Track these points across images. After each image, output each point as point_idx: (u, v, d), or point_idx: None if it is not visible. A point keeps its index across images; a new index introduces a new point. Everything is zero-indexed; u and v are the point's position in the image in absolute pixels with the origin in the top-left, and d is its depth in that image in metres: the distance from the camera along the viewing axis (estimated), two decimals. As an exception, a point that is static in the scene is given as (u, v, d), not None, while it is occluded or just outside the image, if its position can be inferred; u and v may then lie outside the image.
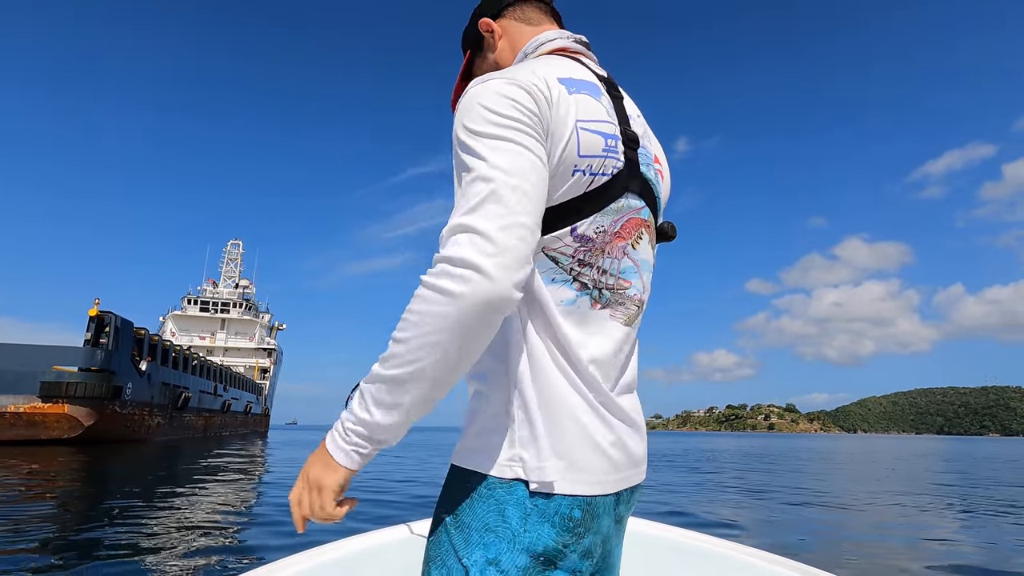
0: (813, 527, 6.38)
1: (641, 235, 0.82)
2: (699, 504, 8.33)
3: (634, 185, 0.80)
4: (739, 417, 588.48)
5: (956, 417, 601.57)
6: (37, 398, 18.72)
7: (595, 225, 0.76)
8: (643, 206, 0.82)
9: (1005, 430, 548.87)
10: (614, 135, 0.78)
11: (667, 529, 2.04)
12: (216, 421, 34.30)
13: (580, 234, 0.76)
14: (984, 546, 5.50)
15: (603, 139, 0.76)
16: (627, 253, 0.81)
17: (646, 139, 0.86)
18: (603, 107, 0.79)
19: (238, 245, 59.71)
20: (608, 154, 0.77)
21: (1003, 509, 7.98)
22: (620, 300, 0.81)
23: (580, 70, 0.82)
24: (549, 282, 0.76)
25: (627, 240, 0.80)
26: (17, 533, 4.91)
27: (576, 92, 0.77)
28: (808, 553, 5.01)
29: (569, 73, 0.79)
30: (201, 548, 4.50)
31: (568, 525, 0.71)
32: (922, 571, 4.32)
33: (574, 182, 0.74)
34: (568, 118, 0.74)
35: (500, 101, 0.70)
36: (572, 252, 0.76)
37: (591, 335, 0.77)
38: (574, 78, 0.79)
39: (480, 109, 0.70)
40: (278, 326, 57.68)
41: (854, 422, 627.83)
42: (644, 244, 0.84)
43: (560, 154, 0.73)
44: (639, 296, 0.83)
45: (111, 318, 20.53)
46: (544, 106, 0.72)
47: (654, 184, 0.84)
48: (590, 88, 0.79)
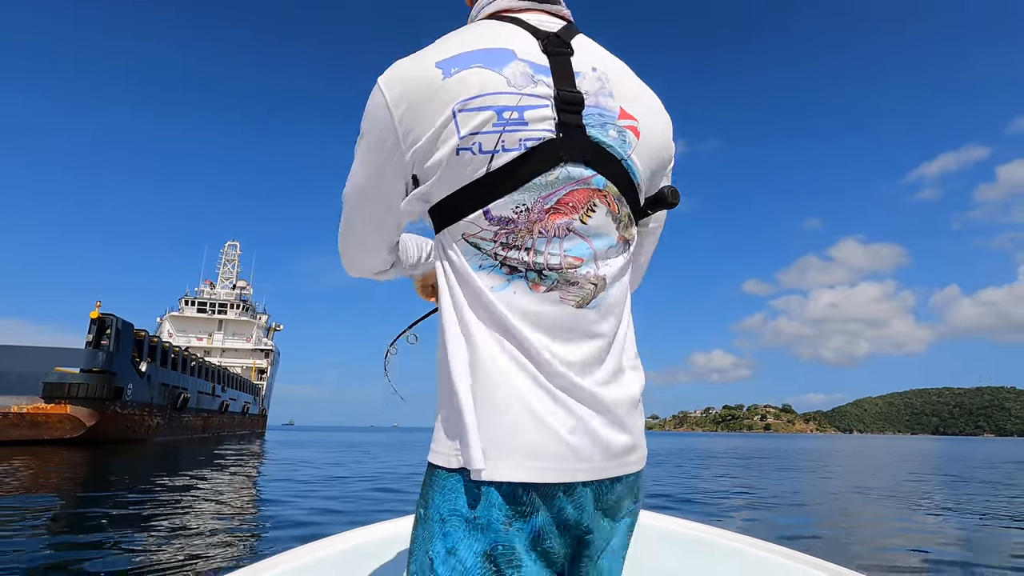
0: (768, 524, 6.64)
1: (594, 206, 0.74)
2: (672, 497, 8.74)
3: (574, 152, 0.72)
4: (735, 418, 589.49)
5: (951, 417, 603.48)
6: (40, 399, 19.12)
7: (513, 204, 0.71)
8: (593, 174, 0.73)
9: (1000, 430, 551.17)
10: (518, 106, 0.70)
11: (676, 522, 2.01)
12: (214, 421, 34.63)
13: (496, 216, 0.71)
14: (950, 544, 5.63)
15: (495, 113, 0.69)
16: (572, 229, 0.73)
17: (603, 95, 0.76)
18: (504, 78, 0.71)
19: (235, 246, 59.71)
20: (507, 128, 0.70)
21: (980, 509, 8.19)
22: (570, 280, 0.73)
23: (495, 36, 0.75)
24: (477, 268, 0.72)
25: (570, 215, 0.73)
26: (20, 531, 5.00)
27: (457, 71, 0.70)
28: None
29: (467, 45, 0.73)
30: (201, 545, 4.56)
31: (510, 511, 0.69)
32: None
33: (464, 163, 0.70)
34: (440, 105, 0.70)
35: (365, 118, 0.77)
36: (493, 236, 0.72)
37: (539, 320, 0.72)
38: (470, 50, 0.72)
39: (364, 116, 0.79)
40: (275, 327, 57.70)
41: (850, 422, 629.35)
42: (600, 216, 0.74)
43: (436, 139, 0.70)
44: (594, 273, 0.75)
45: (112, 320, 20.88)
46: (401, 100, 0.71)
47: (612, 146, 0.75)
48: (489, 58, 0.72)
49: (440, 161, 0.70)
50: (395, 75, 0.73)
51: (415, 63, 0.73)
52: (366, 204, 0.81)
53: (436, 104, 0.70)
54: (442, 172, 0.71)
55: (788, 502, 8.50)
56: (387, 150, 0.74)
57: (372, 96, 0.75)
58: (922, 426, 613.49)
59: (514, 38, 0.75)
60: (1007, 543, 5.27)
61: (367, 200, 0.80)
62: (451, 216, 0.73)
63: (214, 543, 4.68)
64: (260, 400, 49.02)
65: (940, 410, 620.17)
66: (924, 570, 4.22)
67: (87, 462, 12.89)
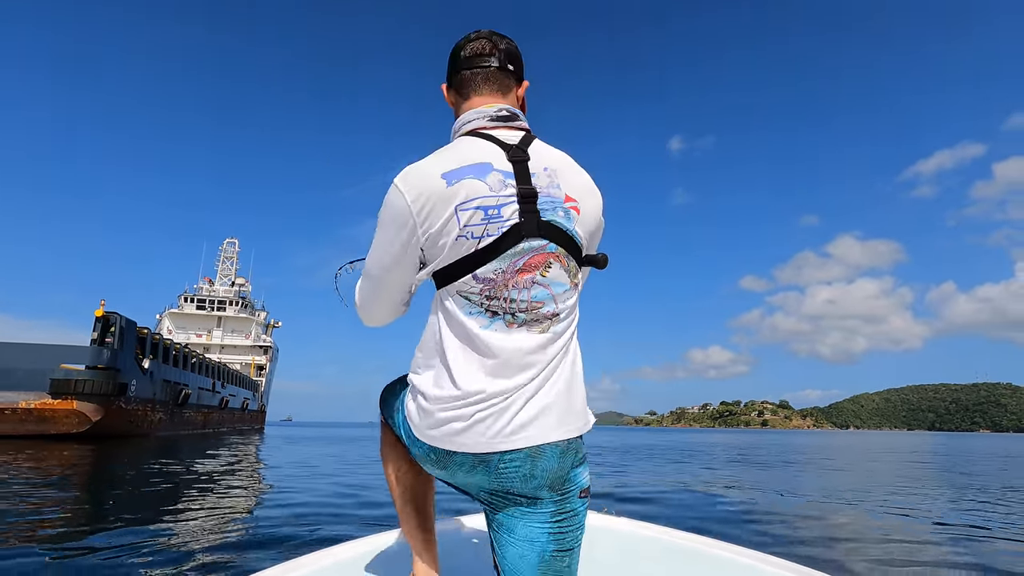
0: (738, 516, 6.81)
1: (549, 264, 1.04)
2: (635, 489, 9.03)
3: (532, 231, 1.01)
4: (733, 414, 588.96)
5: (947, 413, 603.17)
6: (47, 395, 19.61)
7: (493, 269, 1.00)
8: (547, 243, 1.03)
9: (995, 426, 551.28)
10: (497, 204, 1.00)
11: (663, 531, 1.98)
12: (214, 417, 35.01)
13: (482, 277, 1.01)
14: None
15: (483, 211, 1.00)
16: (536, 281, 1.03)
17: (552, 187, 1.05)
18: (487, 186, 1.01)
19: (234, 243, 59.67)
20: (490, 220, 1.00)
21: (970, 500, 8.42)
22: (535, 318, 1.03)
23: (477, 152, 1.04)
24: (467, 315, 1.02)
25: (533, 272, 1.02)
26: (29, 523, 5.09)
27: (457, 181, 1.00)
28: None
29: (459, 161, 1.03)
30: (203, 543, 4.56)
31: (429, 460, 1.07)
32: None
33: (461, 245, 1.00)
34: (446, 205, 0.99)
35: (383, 210, 1.06)
36: (479, 291, 1.01)
37: (503, 345, 1.01)
38: (461, 166, 1.02)
39: (382, 207, 1.06)
40: (274, 324, 57.78)
41: (847, 418, 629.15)
42: (555, 270, 1.04)
43: (442, 229, 1.00)
44: (552, 311, 1.04)
45: (116, 318, 21.38)
46: (418, 205, 1.00)
47: (560, 223, 1.04)
48: (477, 171, 1.01)
49: (445, 244, 1.01)
50: (410, 180, 1.02)
51: (426, 173, 1.02)
52: (389, 275, 1.10)
53: (443, 205, 0.99)
54: (446, 252, 1.01)
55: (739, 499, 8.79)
56: (407, 234, 1.02)
57: (393, 193, 1.03)
58: (919, 422, 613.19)
59: (489, 152, 1.05)
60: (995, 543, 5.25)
61: (390, 272, 1.09)
62: (449, 279, 1.03)
63: (216, 540, 4.64)
64: (259, 396, 49.31)
65: (936, 406, 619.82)
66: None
67: (93, 456, 13.26)
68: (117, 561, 3.83)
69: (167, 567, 3.70)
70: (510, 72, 1.16)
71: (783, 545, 4.92)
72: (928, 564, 4.29)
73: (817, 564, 1.55)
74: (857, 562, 4.33)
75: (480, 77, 1.14)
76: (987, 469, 15.03)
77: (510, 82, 1.16)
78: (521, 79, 1.19)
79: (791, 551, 4.59)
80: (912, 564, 4.27)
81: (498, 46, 1.16)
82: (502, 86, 1.15)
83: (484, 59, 1.14)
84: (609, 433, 73.35)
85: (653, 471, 12.25)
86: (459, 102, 1.17)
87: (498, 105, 1.13)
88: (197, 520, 5.34)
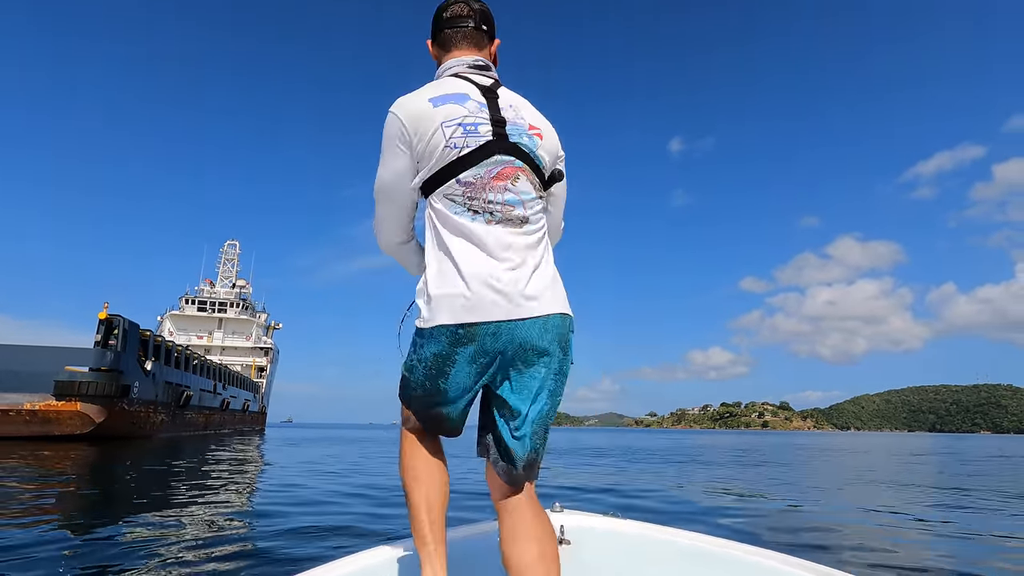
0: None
1: (518, 177, 1.28)
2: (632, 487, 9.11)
3: (503, 148, 1.26)
4: (733, 415, 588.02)
5: (948, 415, 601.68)
6: (51, 396, 19.82)
7: (472, 174, 1.24)
8: (514, 159, 1.27)
9: (996, 427, 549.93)
10: (474, 123, 1.25)
11: (672, 532, 1.96)
12: (216, 418, 35.17)
13: (464, 181, 1.24)
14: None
15: (462, 128, 1.24)
16: (508, 188, 1.27)
17: (518, 119, 1.30)
18: (466, 109, 1.26)
19: (235, 245, 59.81)
20: (469, 135, 1.24)
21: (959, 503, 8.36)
22: (508, 218, 1.26)
23: (458, 86, 1.30)
24: (454, 213, 1.25)
25: (505, 181, 1.26)
26: (35, 522, 5.12)
27: (441, 104, 1.25)
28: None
29: (443, 91, 1.28)
30: (205, 540, 4.56)
31: (450, 340, 1.22)
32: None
33: (447, 155, 1.24)
34: (432, 122, 1.23)
35: (385, 131, 1.28)
36: (462, 193, 1.25)
37: (491, 238, 1.24)
38: (444, 94, 1.27)
39: (384, 132, 1.29)
40: (274, 325, 57.88)
41: (847, 420, 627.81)
42: (523, 182, 1.29)
43: (430, 142, 1.23)
44: (522, 215, 1.28)
45: (119, 321, 21.60)
46: (411, 124, 1.24)
47: (526, 145, 1.29)
48: (457, 98, 1.27)
49: (433, 154, 1.25)
50: (403, 105, 1.28)
51: (415, 99, 1.27)
52: (392, 191, 1.33)
53: (430, 122, 1.24)
54: (434, 161, 1.25)
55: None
56: (404, 147, 1.27)
57: (389, 118, 1.27)
58: (919, 423, 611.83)
59: (467, 88, 1.31)
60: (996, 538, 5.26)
61: (392, 188, 1.32)
62: (436, 184, 1.27)
63: (217, 539, 4.63)
64: (260, 397, 49.40)
65: (937, 407, 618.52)
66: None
67: (96, 457, 13.44)
68: (120, 561, 3.92)
69: (165, 569, 3.78)
70: (484, 31, 1.42)
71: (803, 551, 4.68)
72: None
73: (835, 565, 1.50)
74: (879, 565, 4.20)
75: (460, 35, 1.40)
76: (986, 469, 15.18)
77: (484, 40, 1.42)
78: (493, 37, 1.46)
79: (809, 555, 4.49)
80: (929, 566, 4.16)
81: (473, 8, 1.42)
82: (477, 43, 1.41)
83: (463, 20, 1.40)
84: (609, 435, 73.16)
85: (654, 473, 12.34)
86: (441, 55, 1.43)
87: (475, 57, 1.40)
88: (196, 523, 5.40)
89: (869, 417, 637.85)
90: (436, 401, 1.30)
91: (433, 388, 1.28)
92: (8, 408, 19.08)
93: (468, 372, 1.25)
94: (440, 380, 1.26)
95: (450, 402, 1.29)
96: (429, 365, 1.26)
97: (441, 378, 1.26)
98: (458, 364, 1.24)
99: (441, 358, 1.24)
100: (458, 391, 1.27)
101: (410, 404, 1.36)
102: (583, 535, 1.90)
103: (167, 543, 4.46)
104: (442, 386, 1.27)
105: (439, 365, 1.25)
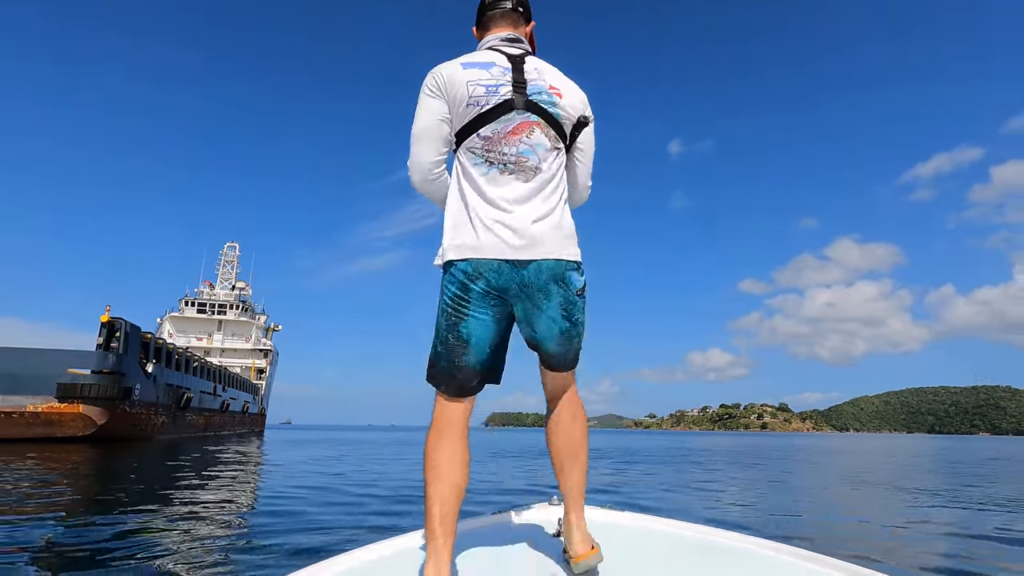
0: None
1: (532, 130, 1.45)
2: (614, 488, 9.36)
3: (520, 105, 1.44)
4: (732, 416, 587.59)
5: (947, 416, 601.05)
6: (54, 399, 20.07)
7: (490, 129, 1.43)
8: (529, 114, 1.44)
9: (995, 429, 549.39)
10: (496, 84, 1.43)
11: (673, 524, 1.97)
12: (215, 420, 35.41)
13: (483, 135, 1.43)
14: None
15: (485, 88, 1.43)
16: (523, 141, 1.43)
17: (539, 80, 1.47)
18: (490, 73, 1.44)
19: (234, 248, 59.79)
20: (490, 95, 1.42)
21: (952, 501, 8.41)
22: (521, 169, 1.43)
23: (488, 56, 1.49)
24: (473, 164, 1.44)
25: (520, 135, 1.43)
26: (38, 523, 5.20)
27: (468, 68, 1.45)
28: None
29: (474, 59, 1.48)
30: (207, 537, 4.60)
31: (460, 277, 1.40)
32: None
33: (471, 111, 1.43)
34: (460, 81, 1.43)
35: (422, 88, 1.47)
36: (480, 146, 1.43)
37: (502, 186, 1.42)
38: (474, 61, 1.47)
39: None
40: (274, 327, 57.94)
41: (846, 421, 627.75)
42: (537, 135, 1.45)
43: (458, 100, 1.42)
44: (535, 164, 1.44)
45: (121, 324, 21.86)
46: (442, 81, 1.44)
47: (543, 101, 1.46)
48: (484, 65, 1.46)
49: (460, 110, 1.44)
50: (439, 68, 1.47)
51: (449, 64, 1.48)
52: (430, 131, 1.48)
53: (460, 82, 1.43)
54: (460, 116, 1.45)
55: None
56: (440, 98, 1.45)
57: (428, 77, 1.47)
58: (918, 425, 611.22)
59: (496, 57, 1.50)
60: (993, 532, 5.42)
61: (429, 129, 1.48)
62: (462, 138, 1.46)
63: (219, 534, 4.70)
64: (259, 399, 49.61)
65: (936, 409, 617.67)
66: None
67: (97, 458, 13.62)
68: (123, 560, 3.95)
69: (168, 565, 3.81)
70: (520, 12, 1.61)
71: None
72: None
73: (836, 555, 1.55)
74: (882, 556, 4.41)
75: (498, 15, 1.60)
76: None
77: (520, 20, 1.61)
78: (529, 19, 1.64)
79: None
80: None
81: None
82: (514, 22, 1.61)
83: (502, 3, 1.60)
84: (608, 436, 73.35)
85: (651, 475, 12.50)
86: (482, 34, 1.63)
87: (509, 32, 1.59)
88: (198, 521, 5.52)
89: (868, 419, 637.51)
90: (462, 351, 1.43)
91: (456, 338, 1.42)
92: (12, 410, 19.32)
93: (483, 310, 1.41)
94: (461, 325, 1.41)
95: (475, 347, 1.43)
96: (450, 310, 1.42)
97: (461, 323, 1.41)
98: (472, 303, 1.40)
99: (458, 298, 1.41)
100: (479, 332, 1.42)
101: (439, 374, 1.47)
102: None
103: (168, 540, 4.52)
104: (463, 332, 1.41)
105: (456, 306, 1.41)
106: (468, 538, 1.70)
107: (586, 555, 1.44)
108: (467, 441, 1.46)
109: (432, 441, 1.43)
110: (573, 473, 1.53)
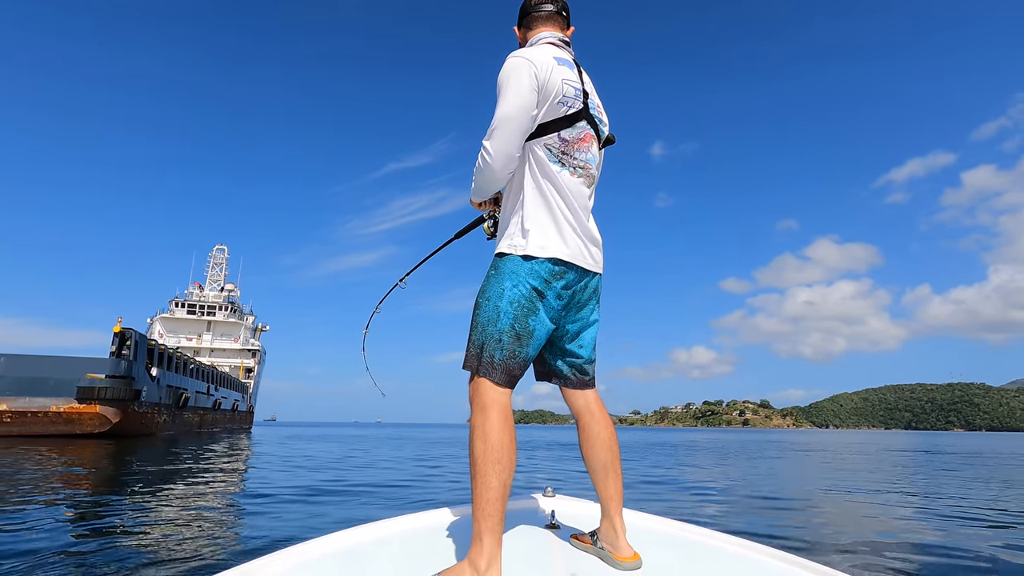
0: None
1: (592, 143, 1.60)
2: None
3: (586, 116, 1.57)
4: (715, 413, 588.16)
5: (923, 412, 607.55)
6: (74, 400, 22.69)
7: (569, 133, 1.53)
8: (589, 127, 1.58)
9: (969, 425, 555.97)
10: (577, 88, 1.55)
11: (667, 523, 1.94)
12: (209, 418, 37.46)
13: (563, 137, 1.53)
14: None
15: (574, 89, 1.54)
16: (587, 150, 1.58)
17: (593, 95, 1.63)
18: (574, 74, 1.56)
19: (223, 250, 61.60)
20: (576, 98, 1.54)
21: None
22: (585, 173, 1.58)
23: (564, 53, 1.61)
24: (550, 162, 1.53)
25: (588, 143, 1.58)
26: (56, 510, 5.36)
27: (561, 64, 1.53)
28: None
29: (560, 54, 1.57)
30: (206, 530, 4.63)
31: (545, 274, 1.45)
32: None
33: (558, 109, 1.50)
34: (557, 77, 1.49)
35: (515, 70, 1.48)
36: (558, 146, 1.53)
37: (575, 191, 1.54)
38: (560, 57, 1.56)
39: (506, 72, 1.49)
40: (261, 327, 59.68)
41: (826, 417, 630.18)
42: (594, 148, 1.61)
43: (553, 95, 1.49)
44: (594, 173, 1.61)
45: (131, 333, 24.54)
46: (542, 72, 1.47)
47: (596, 117, 1.61)
48: (568, 63, 1.57)
49: (549, 104, 1.51)
50: (532, 56, 1.51)
51: (540, 53, 1.53)
52: (518, 116, 1.47)
53: (556, 77, 1.51)
54: (547, 111, 1.51)
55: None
56: (532, 89, 1.48)
57: (517, 63, 1.49)
58: (895, 421, 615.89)
59: (570, 56, 1.64)
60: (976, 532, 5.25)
61: (519, 115, 1.47)
62: (543, 132, 1.53)
63: (217, 528, 4.75)
64: (248, 397, 51.28)
65: (913, 405, 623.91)
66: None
67: (112, 452, 14.79)
68: (125, 557, 3.96)
69: (175, 552, 3.93)
70: (563, 16, 1.72)
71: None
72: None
73: (822, 561, 1.49)
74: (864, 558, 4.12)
75: (544, 16, 1.69)
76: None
77: (564, 23, 1.72)
78: (570, 24, 1.74)
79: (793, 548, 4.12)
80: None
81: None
82: (560, 24, 1.71)
83: (546, 4, 1.70)
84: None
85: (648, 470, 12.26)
86: (527, 33, 1.72)
87: (561, 34, 1.69)
88: (199, 506, 5.78)
89: (847, 415, 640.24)
90: (525, 342, 1.43)
91: (522, 329, 1.42)
92: (37, 410, 22.17)
93: (551, 310, 1.48)
94: (531, 319, 1.42)
95: (535, 342, 1.45)
96: (524, 301, 1.43)
97: (532, 316, 1.43)
98: (547, 301, 1.46)
99: (536, 292, 1.44)
100: (541, 330, 1.46)
101: (497, 363, 1.41)
102: (573, 519, 1.95)
103: (172, 526, 4.74)
104: (532, 325, 1.43)
105: (532, 300, 1.43)
106: (462, 527, 1.77)
107: (636, 556, 1.49)
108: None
109: (498, 425, 1.36)
110: (617, 480, 1.60)
